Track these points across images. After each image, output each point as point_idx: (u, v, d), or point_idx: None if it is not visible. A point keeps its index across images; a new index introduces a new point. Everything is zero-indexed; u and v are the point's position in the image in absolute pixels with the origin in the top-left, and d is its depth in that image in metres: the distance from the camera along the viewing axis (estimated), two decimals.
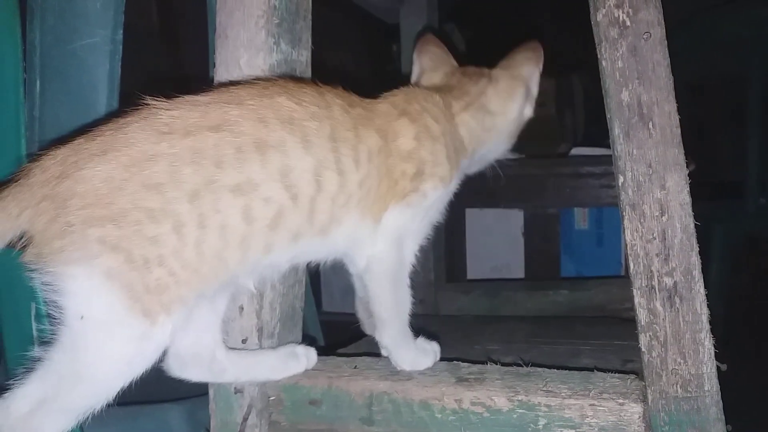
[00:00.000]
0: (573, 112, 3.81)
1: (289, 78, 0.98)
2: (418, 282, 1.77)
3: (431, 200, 0.98)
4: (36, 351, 0.84)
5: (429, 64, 1.19)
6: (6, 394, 0.82)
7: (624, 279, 2.01)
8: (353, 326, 1.20)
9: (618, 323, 1.56)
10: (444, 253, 1.91)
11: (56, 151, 0.81)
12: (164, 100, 0.84)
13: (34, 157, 0.83)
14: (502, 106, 1.13)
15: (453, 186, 1.04)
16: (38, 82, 1.13)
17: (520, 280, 2.11)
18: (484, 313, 1.79)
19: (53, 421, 0.82)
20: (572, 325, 1.51)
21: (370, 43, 2.94)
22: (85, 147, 0.80)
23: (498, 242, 2.29)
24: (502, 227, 2.29)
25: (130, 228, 0.78)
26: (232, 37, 1.01)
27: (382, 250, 0.97)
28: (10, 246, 0.84)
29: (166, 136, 0.81)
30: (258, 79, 0.95)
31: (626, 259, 2.10)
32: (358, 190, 0.91)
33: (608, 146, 2.27)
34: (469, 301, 1.83)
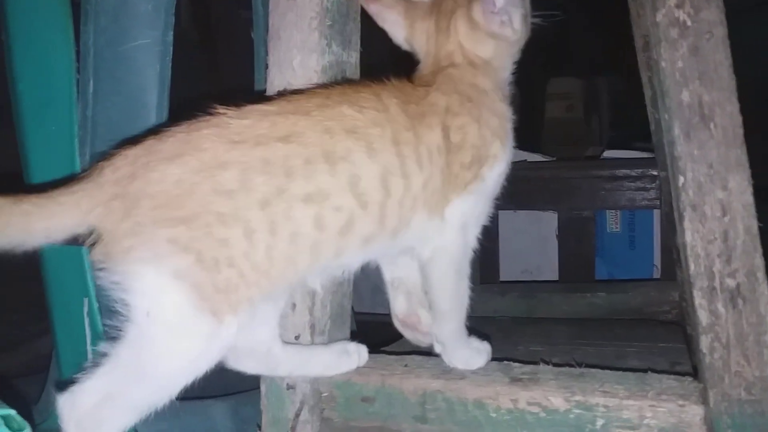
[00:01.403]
0: (599, 115, 3.80)
1: (344, 81, 1.00)
2: None
3: (491, 181, 0.98)
4: (99, 346, 0.85)
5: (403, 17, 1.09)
6: (73, 387, 0.83)
7: (661, 281, 2.00)
8: (387, 326, 1.19)
9: (659, 326, 1.55)
10: (477, 255, 1.91)
11: (127, 150, 0.83)
12: (234, 108, 0.85)
13: (105, 155, 0.84)
14: None
15: (509, 154, 1.01)
16: (91, 83, 1.16)
17: (555, 282, 2.10)
18: (520, 314, 1.78)
19: (118, 416, 0.83)
20: (612, 328, 1.50)
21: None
22: (157, 149, 0.82)
23: (531, 244, 2.28)
24: (535, 229, 2.28)
25: (201, 230, 0.79)
26: (285, 38, 1.02)
27: (447, 240, 0.97)
28: (68, 243, 0.86)
29: (238, 145, 0.82)
30: (314, 84, 0.97)
31: (661, 261, 2.09)
32: (423, 192, 0.92)
33: (639, 149, 2.26)
34: (505, 302, 1.82)
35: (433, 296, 1.01)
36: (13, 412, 0.69)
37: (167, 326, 0.81)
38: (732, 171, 0.80)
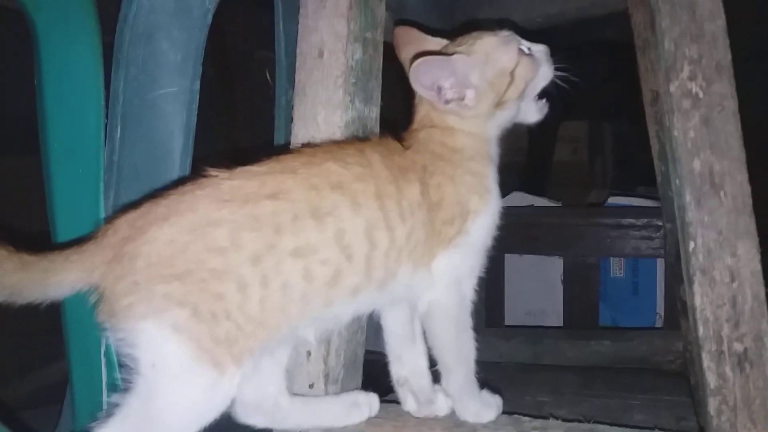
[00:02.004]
0: (603, 158, 3.85)
1: (364, 136, 1.04)
2: None
3: (476, 235, 0.99)
4: (112, 397, 0.88)
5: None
6: None
7: (666, 331, 2.02)
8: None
9: (664, 376, 1.57)
10: (483, 298, 1.93)
11: (126, 214, 0.88)
12: (224, 170, 0.90)
13: (108, 219, 0.89)
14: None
15: (494, 204, 1.01)
16: (119, 128, 1.19)
17: (561, 328, 2.12)
18: (525, 360, 1.80)
19: None
20: (618, 378, 1.52)
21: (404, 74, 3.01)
22: (152, 211, 0.86)
23: (536, 288, 2.30)
24: (540, 273, 2.30)
25: (195, 285, 0.83)
26: (311, 94, 1.06)
27: (439, 294, 0.99)
28: (82, 297, 0.90)
29: (227, 204, 0.86)
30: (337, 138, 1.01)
31: (664, 310, 2.11)
32: (407, 244, 0.94)
33: (641, 195, 2.30)
34: (510, 347, 1.84)
35: (435, 351, 1.02)
36: None
37: (171, 377, 0.84)
38: (741, 238, 0.84)
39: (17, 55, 1.26)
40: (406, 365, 1.07)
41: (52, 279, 0.87)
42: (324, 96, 1.05)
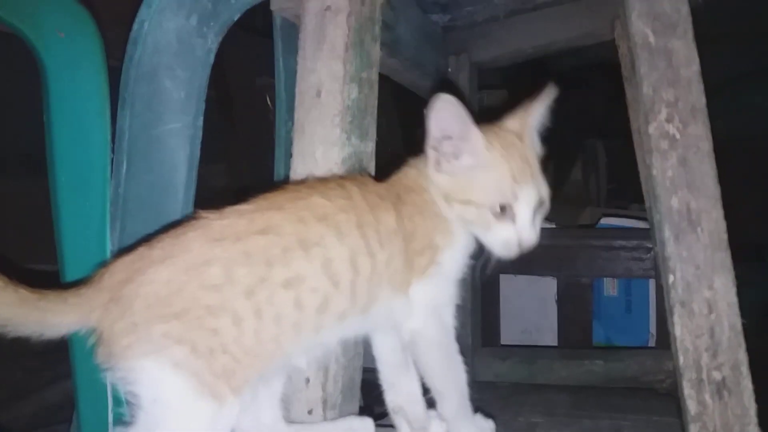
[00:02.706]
0: (597, 176, 3.90)
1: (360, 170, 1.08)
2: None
3: (448, 267, 1.02)
4: (118, 429, 0.94)
5: None
6: None
7: (657, 350, 2.06)
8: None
9: (654, 397, 1.61)
10: (480, 317, 1.97)
11: (122, 258, 0.92)
12: (216, 211, 0.94)
13: (104, 263, 0.94)
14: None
15: (463, 242, 1.03)
16: (125, 163, 1.24)
17: (555, 348, 2.16)
18: (521, 379, 1.84)
19: None
20: (610, 398, 1.56)
21: (401, 106, 3.05)
22: (147, 254, 0.91)
23: (530, 307, 2.35)
24: (534, 292, 2.35)
25: (192, 322, 0.87)
26: (309, 132, 1.11)
27: (420, 323, 1.02)
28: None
29: (219, 242, 0.91)
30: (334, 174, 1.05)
31: (657, 330, 2.15)
32: (386, 269, 0.98)
33: (633, 216, 2.34)
34: (506, 367, 1.88)
35: (426, 379, 1.05)
36: None
37: (173, 411, 0.88)
38: (717, 272, 0.88)
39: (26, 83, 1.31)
40: (400, 393, 1.10)
41: (49, 319, 0.90)
42: (322, 134, 1.09)
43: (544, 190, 1.01)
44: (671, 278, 0.90)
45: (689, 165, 0.90)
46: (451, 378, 1.04)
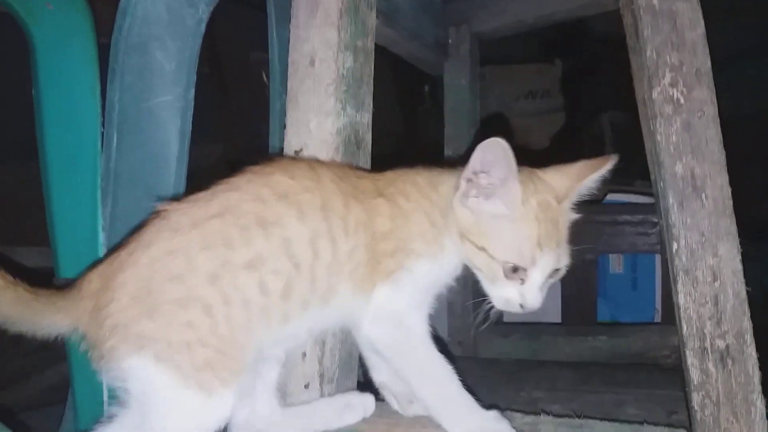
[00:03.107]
0: (603, 151, 3.86)
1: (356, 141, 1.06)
2: (458, 325, 1.83)
3: (419, 274, 0.97)
4: (111, 408, 0.94)
5: None
6: None
7: (662, 326, 2.04)
8: None
9: (658, 372, 1.59)
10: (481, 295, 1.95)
11: (97, 267, 0.94)
12: (174, 202, 0.94)
13: (84, 272, 0.96)
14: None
15: (447, 259, 0.99)
16: (115, 137, 1.21)
17: (558, 325, 2.13)
18: (524, 356, 1.82)
19: None
20: (613, 373, 1.54)
21: (401, 81, 3.02)
22: (117, 260, 0.91)
23: None
24: None
25: (164, 318, 0.87)
26: (303, 102, 1.08)
27: (373, 327, 0.98)
28: None
29: (177, 232, 0.90)
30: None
31: (662, 305, 2.12)
32: (348, 261, 0.95)
33: (639, 191, 2.31)
34: (508, 344, 1.86)
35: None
36: None
37: (161, 403, 0.89)
38: (722, 239, 0.86)
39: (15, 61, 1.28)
40: (380, 373, 1.09)
41: (40, 321, 0.93)
42: (316, 103, 1.07)
43: (565, 260, 0.96)
44: (675, 246, 0.88)
45: (694, 130, 0.87)
46: (418, 379, 0.98)
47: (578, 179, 0.95)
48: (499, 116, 3.03)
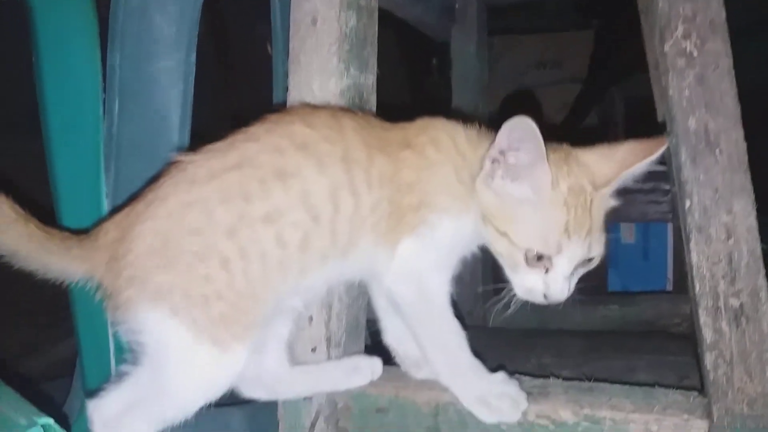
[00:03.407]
0: (615, 126, 3.81)
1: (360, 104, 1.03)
2: (467, 295, 1.81)
3: (442, 232, 0.94)
4: (122, 366, 0.94)
5: None
6: (101, 394, 0.92)
7: (674, 294, 2.02)
8: None
9: (669, 339, 1.57)
10: (492, 266, 1.93)
11: (113, 217, 0.93)
12: (190, 153, 0.92)
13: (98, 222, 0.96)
14: None
15: (468, 220, 0.94)
16: (116, 102, 1.20)
17: None
18: (533, 326, 1.80)
19: (138, 424, 0.91)
20: (624, 341, 1.53)
21: (409, 55, 2.98)
22: (134, 210, 0.91)
23: None
24: None
25: (182, 270, 0.87)
26: (305, 62, 1.06)
27: (395, 282, 0.96)
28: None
29: (195, 184, 0.89)
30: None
31: (674, 274, 2.10)
32: (371, 215, 0.93)
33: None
34: (517, 314, 1.84)
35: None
36: (51, 420, 0.74)
37: (175, 356, 0.88)
38: (736, 195, 0.83)
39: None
40: (389, 333, 1.08)
41: (53, 263, 0.92)
42: (318, 64, 1.05)
43: (597, 250, 0.90)
44: (688, 203, 0.85)
45: (707, 83, 0.84)
46: (431, 342, 0.97)
47: (625, 165, 0.89)
48: (525, 92, 2.98)
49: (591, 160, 0.90)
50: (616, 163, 0.89)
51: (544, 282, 0.90)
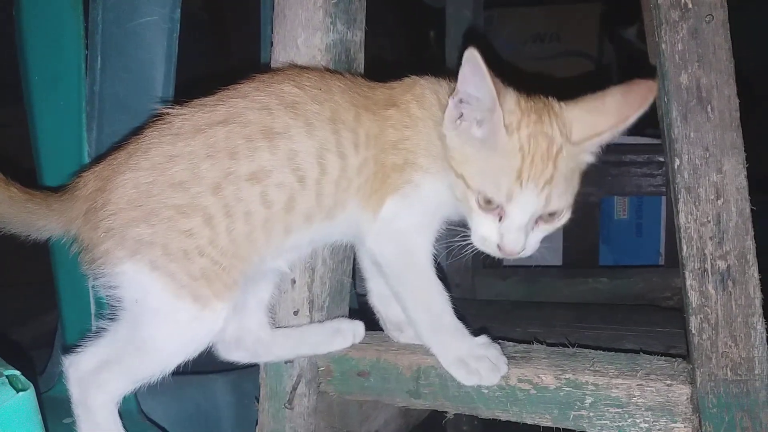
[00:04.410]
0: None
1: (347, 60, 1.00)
2: (456, 267, 1.80)
3: (426, 191, 0.92)
4: (100, 323, 0.93)
5: None
6: (77, 350, 0.90)
7: (664, 268, 2.00)
8: None
9: (659, 311, 1.56)
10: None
11: (93, 167, 0.91)
12: (177, 107, 0.90)
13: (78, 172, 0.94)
14: None
15: (444, 176, 0.91)
16: (99, 59, 1.17)
17: (558, 267, 2.10)
18: (522, 299, 1.79)
19: (114, 382, 0.90)
20: (613, 313, 1.51)
21: (407, 28, 2.94)
22: (114, 162, 0.89)
23: None
24: None
25: (162, 224, 0.85)
26: (290, 16, 1.03)
27: (378, 243, 0.95)
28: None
29: (181, 137, 0.87)
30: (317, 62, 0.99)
31: (666, 249, 2.09)
32: (357, 176, 0.92)
33: (648, 135, 2.26)
34: (506, 286, 1.84)
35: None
36: (17, 372, 0.73)
37: (154, 311, 0.87)
38: (727, 154, 0.81)
39: None
40: (374, 294, 1.07)
41: (35, 222, 0.92)
42: (303, 17, 1.01)
43: (558, 204, 0.86)
44: (677, 162, 0.83)
45: (701, 37, 0.81)
46: (413, 301, 0.96)
47: (616, 125, 0.86)
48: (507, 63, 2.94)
49: (574, 113, 0.87)
50: (607, 118, 0.86)
51: (498, 232, 0.86)
